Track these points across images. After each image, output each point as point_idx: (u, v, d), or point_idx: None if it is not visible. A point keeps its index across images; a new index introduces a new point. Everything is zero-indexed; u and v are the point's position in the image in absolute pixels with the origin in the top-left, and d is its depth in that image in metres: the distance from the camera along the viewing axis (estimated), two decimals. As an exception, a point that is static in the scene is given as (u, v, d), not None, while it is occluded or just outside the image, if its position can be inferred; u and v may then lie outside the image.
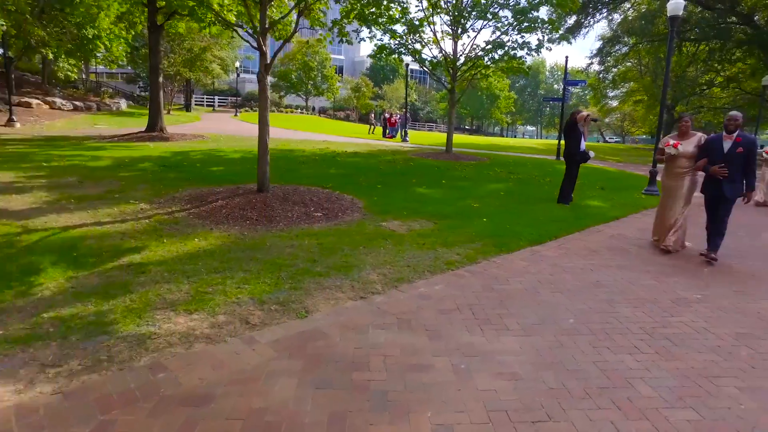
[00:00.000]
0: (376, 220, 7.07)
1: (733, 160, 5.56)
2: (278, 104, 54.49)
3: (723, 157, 5.61)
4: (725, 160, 5.59)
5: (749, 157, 5.56)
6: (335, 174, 11.01)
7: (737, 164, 5.56)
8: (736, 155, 5.55)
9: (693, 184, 6.14)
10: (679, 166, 6.08)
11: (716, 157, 5.68)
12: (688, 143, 6.01)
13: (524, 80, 76.89)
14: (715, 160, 5.67)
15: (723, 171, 5.56)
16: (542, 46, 14.14)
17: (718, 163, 5.61)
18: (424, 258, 5.49)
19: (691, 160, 5.99)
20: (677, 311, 4.21)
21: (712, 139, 5.86)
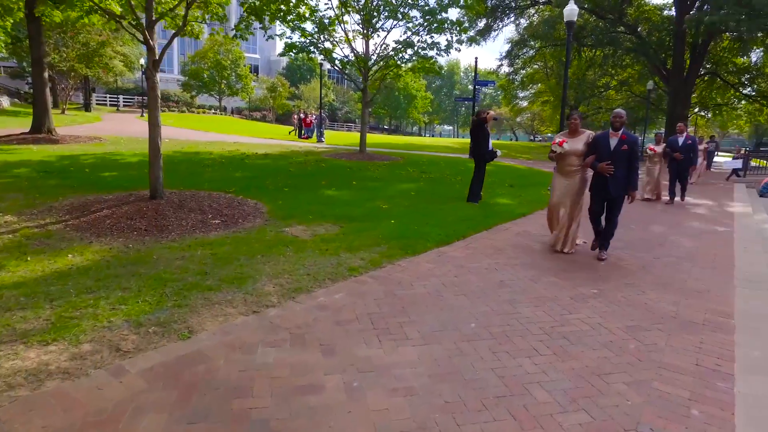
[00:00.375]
0: (278, 226, 6.68)
1: (619, 158, 5.59)
2: (190, 104, 51.76)
3: (610, 154, 5.63)
4: (612, 158, 5.61)
5: (633, 154, 5.62)
6: (241, 177, 10.43)
7: (622, 162, 5.59)
8: (621, 153, 5.58)
9: (584, 182, 6.09)
10: (570, 164, 6.02)
11: (604, 155, 5.68)
12: (577, 141, 5.95)
13: (440, 81, 78.92)
14: (603, 158, 5.68)
15: (609, 168, 5.57)
16: (451, 47, 14.38)
17: (606, 160, 5.63)
18: (326, 265, 5.21)
19: (581, 157, 5.94)
20: (575, 308, 4.26)
21: (599, 136, 5.83)
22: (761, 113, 33.21)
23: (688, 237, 7.35)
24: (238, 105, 60.03)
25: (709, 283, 5.11)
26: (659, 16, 29.10)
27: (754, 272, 5.59)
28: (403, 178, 12.01)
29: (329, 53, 15.23)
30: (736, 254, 6.40)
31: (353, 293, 4.50)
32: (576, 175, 6.03)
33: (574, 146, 5.91)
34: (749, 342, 3.67)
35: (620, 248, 6.45)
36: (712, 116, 39.46)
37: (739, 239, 7.33)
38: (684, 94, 25.60)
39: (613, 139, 5.66)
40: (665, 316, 4.12)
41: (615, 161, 5.58)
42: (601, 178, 5.77)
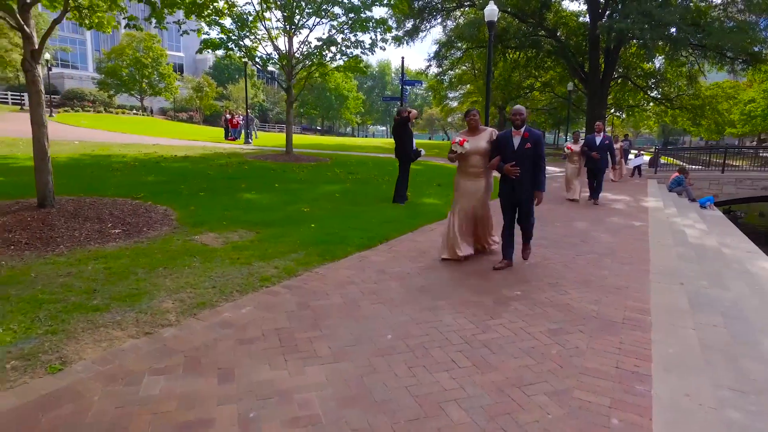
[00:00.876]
0: (187, 234, 6.11)
1: (524, 158, 5.10)
2: (108, 104, 48.34)
3: (514, 154, 5.13)
4: (516, 158, 5.12)
5: (537, 153, 5.11)
6: (153, 182, 9.63)
7: (527, 161, 5.11)
8: (525, 152, 5.09)
9: (489, 186, 5.59)
10: (473, 165, 5.42)
11: (507, 155, 5.18)
12: (479, 139, 5.39)
13: (372, 81, 79.12)
14: (507, 158, 5.17)
15: (515, 170, 5.09)
16: (376, 45, 14.16)
17: (510, 161, 5.13)
18: (235, 275, 4.75)
19: (485, 157, 5.38)
20: (498, 312, 4.08)
21: (501, 136, 5.28)
22: (666, 114, 35.82)
23: (608, 233, 7.51)
24: (163, 105, 56.96)
25: (627, 278, 5.15)
26: (575, 22, 30.57)
27: (666, 266, 5.73)
28: (329, 179, 11.62)
29: (252, 51, 14.56)
30: (650, 248, 6.58)
31: (263, 306, 4.09)
32: (481, 177, 5.50)
33: (476, 145, 5.36)
34: (664, 339, 3.64)
35: (545, 246, 6.44)
36: (626, 117, 42.10)
37: (653, 233, 7.58)
38: (600, 96, 27.00)
39: (516, 137, 5.14)
40: (587, 316, 4.03)
41: (520, 161, 5.11)
42: (507, 182, 5.28)
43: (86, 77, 52.66)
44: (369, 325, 3.76)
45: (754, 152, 23.72)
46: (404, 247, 6.11)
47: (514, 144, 5.14)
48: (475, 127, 5.47)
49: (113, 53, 46.90)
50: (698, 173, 18.19)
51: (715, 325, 4.34)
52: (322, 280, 4.80)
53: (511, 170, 5.12)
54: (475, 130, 5.47)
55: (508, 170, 5.14)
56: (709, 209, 13.76)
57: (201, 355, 3.24)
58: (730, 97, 39.10)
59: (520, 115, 5.09)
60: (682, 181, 15.28)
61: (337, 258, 5.48)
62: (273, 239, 6.06)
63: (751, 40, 22.24)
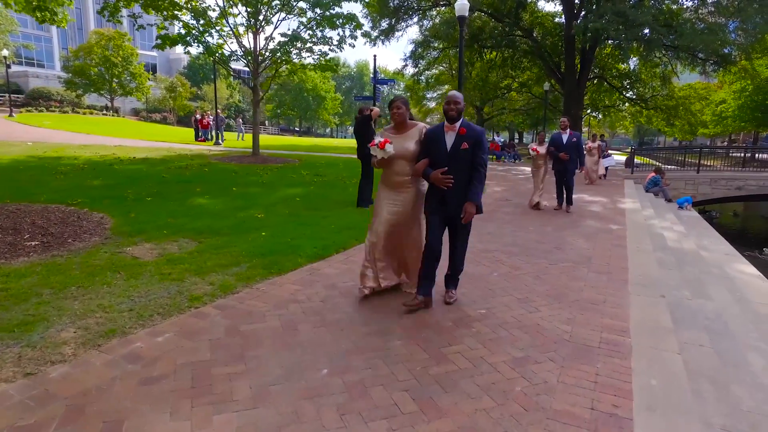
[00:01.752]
0: (119, 245, 5.44)
1: (459, 161, 3.88)
2: (77, 104, 46.69)
3: (446, 157, 3.89)
4: (449, 162, 3.87)
5: (477, 154, 3.88)
6: (98, 186, 8.88)
7: (463, 167, 3.88)
8: (461, 154, 3.86)
9: (420, 199, 4.20)
10: (399, 173, 4.09)
11: (438, 158, 3.92)
12: (406, 138, 4.06)
13: (350, 82, 78.56)
14: (438, 162, 3.92)
15: (447, 180, 3.84)
16: (344, 42, 13.59)
17: (441, 166, 3.87)
18: (162, 294, 4.12)
19: (413, 162, 4.07)
20: (457, 336, 3.54)
21: (430, 132, 4.03)
22: (641, 115, 36.03)
23: (584, 238, 7.07)
24: (136, 106, 55.39)
25: (604, 290, 4.67)
26: (551, 22, 30.47)
27: (645, 275, 5.28)
28: (293, 181, 10.98)
29: (219, 48, 13.83)
30: (629, 254, 6.14)
31: (185, 332, 3.48)
32: (408, 188, 4.13)
33: (403, 146, 4.04)
34: (646, 368, 3.14)
35: (515, 254, 5.94)
36: (602, 117, 42.30)
37: (630, 238, 7.17)
38: (577, 96, 26.90)
39: (450, 134, 3.90)
40: (559, 339, 3.52)
41: (453, 166, 3.86)
42: (436, 194, 4.00)
43: (53, 76, 50.82)
44: (304, 356, 3.18)
45: (725, 152, 23.83)
46: (362, 257, 5.51)
47: (447, 143, 3.89)
48: (402, 123, 4.12)
49: (81, 51, 45.37)
50: (674, 173, 18.07)
51: (701, 345, 3.87)
52: (262, 297, 4.20)
53: (441, 179, 3.84)
54: (402, 126, 4.13)
55: (437, 179, 3.86)
56: (687, 210, 13.53)
57: (88, 402, 2.62)
58: (702, 98, 39.54)
59: (456, 104, 3.83)
60: (659, 181, 15.06)
61: (284, 271, 4.89)
62: (215, 250, 5.43)
63: (721, 42, 22.42)
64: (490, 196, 11.28)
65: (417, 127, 4.12)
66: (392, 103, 4.12)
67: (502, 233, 7.14)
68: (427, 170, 3.96)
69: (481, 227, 7.48)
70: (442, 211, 4.01)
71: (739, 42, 23.79)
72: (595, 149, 14.91)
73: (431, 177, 3.91)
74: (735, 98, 35.82)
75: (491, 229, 7.37)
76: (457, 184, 3.87)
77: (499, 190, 12.61)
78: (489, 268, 5.29)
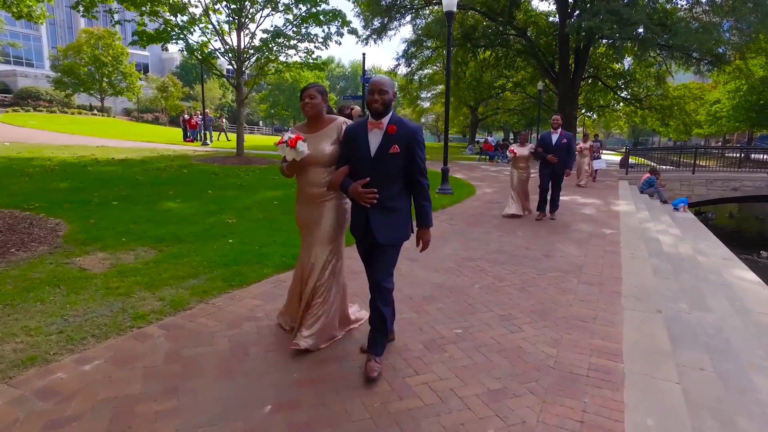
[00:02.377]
0: (68, 255, 4.99)
1: (386, 168, 2.85)
2: (67, 104, 45.99)
3: (369, 164, 2.86)
4: (373, 171, 2.86)
5: (411, 162, 2.87)
6: (63, 189, 8.40)
7: (392, 175, 2.88)
8: (389, 158, 2.83)
9: (342, 217, 3.21)
10: (312, 182, 3.11)
11: (360, 164, 2.90)
12: (319, 138, 3.07)
13: (344, 81, 78.19)
14: (359, 170, 2.90)
15: (370, 196, 2.83)
16: (330, 39, 13.16)
17: (364, 174, 2.87)
18: (102, 312, 3.68)
19: (331, 168, 3.09)
20: (426, 363, 3.11)
21: (350, 130, 3.00)
22: (636, 115, 35.81)
23: (575, 243, 6.67)
24: (127, 106, 54.69)
25: (595, 305, 4.26)
26: (545, 21, 30.18)
27: (640, 285, 4.87)
28: (275, 184, 10.52)
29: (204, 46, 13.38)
30: (623, 262, 5.74)
31: (118, 359, 3.05)
32: (326, 203, 3.14)
33: (317, 148, 3.05)
34: (641, 402, 2.73)
35: (500, 263, 5.53)
36: (597, 117, 42.07)
37: (624, 243, 6.78)
38: (571, 96, 26.58)
39: (375, 133, 2.87)
40: (542, 366, 3.11)
41: (380, 175, 2.86)
42: (360, 213, 2.98)
43: (42, 76, 50.08)
44: (248, 388, 2.75)
45: (719, 152, 23.55)
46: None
47: (371, 145, 2.87)
48: (315, 117, 3.12)
49: (70, 50, 44.72)
50: (669, 174, 17.74)
51: (701, 369, 3.47)
52: (216, 315, 3.77)
53: (362, 194, 2.84)
54: (316, 122, 3.14)
55: (357, 193, 2.86)
56: (682, 211, 13.18)
57: (-24, 453, 2.19)
58: (696, 98, 39.39)
59: (380, 94, 2.82)
60: (654, 182, 14.71)
61: (246, 283, 4.45)
62: (175, 260, 4.99)
63: (716, 41, 22.21)
64: (479, 199, 10.89)
65: (335, 123, 3.12)
66: (304, 91, 3.11)
67: (489, 239, 6.73)
68: (345, 181, 2.94)
69: (467, 233, 7.08)
70: (365, 236, 3.00)
71: (733, 41, 23.58)
72: (587, 150, 14.36)
73: (350, 191, 2.90)
74: (729, 98, 35.63)
75: (477, 235, 6.96)
76: (383, 200, 2.85)
77: (490, 191, 12.21)
78: (471, 279, 4.87)
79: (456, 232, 7.09)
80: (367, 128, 2.90)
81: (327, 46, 13.25)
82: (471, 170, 18.96)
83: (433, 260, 5.53)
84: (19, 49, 51.83)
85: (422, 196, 2.93)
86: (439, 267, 5.27)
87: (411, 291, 4.47)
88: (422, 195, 2.93)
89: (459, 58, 32.18)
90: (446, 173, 11.10)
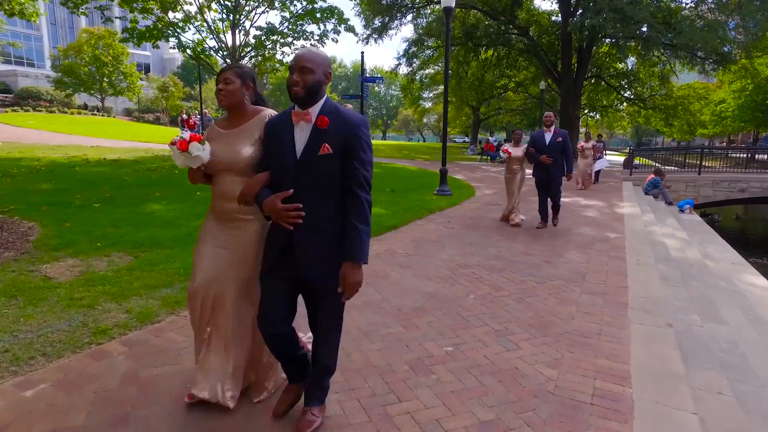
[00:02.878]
0: (35, 262, 4.68)
1: (314, 175, 2.10)
2: (68, 105, 45.84)
3: (293, 167, 2.11)
4: (296, 182, 2.10)
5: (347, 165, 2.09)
6: (45, 190, 8.08)
7: (324, 185, 2.11)
8: (319, 162, 2.08)
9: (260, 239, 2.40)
10: (225, 195, 2.36)
11: (281, 169, 2.15)
12: (236, 136, 2.36)
13: (346, 82, 77.99)
14: (282, 181, 2.14)
15: (292, 214, 2.06)
16: (327, 37, 12.86)
17: (286, 183, 2.12)
18: (59, 327, 3.36)
19: (244, 176, 2.32)
20: (410, 388, 2.77)
21: (272, 123, 2.26)
22: (639, 115, 35.41)
23: (578, 249, 6.33)
24: (128, 106, 54.53)
25: (600, 318, 3.92)
26: (548, 20, 29.83)
27: (647, 295, 4.53)
28: (267, 185, 10.21)
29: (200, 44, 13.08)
30: (628, 269, 5.40)
31: (67, 382, 2.73)
32: (245, 224, 2.40)
33: (233, 149, 2.34)
34: (655, 435, 2.40)
35: (499, 270, 5.19)
36: (600, 117, 41.67)
37: (630, 248, 6.43)
38: (574, 96, 26.25)
39: (302, 127, 2.13)
40: (541, 391, 2.77)
41: (305, 185, 2.10)
42: (281, 235, 2.17)
43: (42, 76, 49.96)
44: (208, 417, 2.42)
45: (723, 153, 23.12)
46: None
47: (297, 144, 2.13)
48: (234, 107, 2.40)
49: (70, 50, 44.61)
50: (674, 175, 17.37)
51: (719, 393, 3.13)
52: (186, 328, 3.42)
53: (281, 210, 2.07)
54: (236, 114, 2.42)
55: (274, 210, 2.08)
56: (688, 213, 12.82)
57: None
58: (701, 98, 38.94)
59: (301, 73, 2.05)
60: (659, 183, 14.34)
61: (222, 293, 4.12)
62: (149, 267, 4.67)
63: (721, 40, 21.85)
64: (478, 200, 10.56)
65: (259, 116, 2.37)
66: (219, 74, 2.41)
67: (487, 243, 6.39)
68: (262, 192, 2.15)
69: (464, 237, 6.75)
70: (288, 269, 2.16)
71: (739, 40, 23.23)
72: (589, 150, 13.78)
73: (264, 206, 2.10)
74: (735, 98, 35.19)
75: (474, 239, 6.63)
76: (314, 220, 2.08)
77: (490, 193, 11.88)
78: (465, 289, 4.53)
79: (453, 236, 6.77)
80: (291, 121, 2.13)
81: (323, 43, 13.01)
82: (472, 171, 18.63)
83: (426, 267, 5.20)
84: (20, 49, 51.72)
85: (356, 216, 2.05)
86: (433, 274, 4.94)
87: (400, 302, 4.14)
88: (357, 214, 2.05)
89: (461, 57, 31.87)
90: (445, 174, 10.77)
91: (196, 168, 2.37)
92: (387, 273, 4.95)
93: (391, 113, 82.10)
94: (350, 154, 2.07)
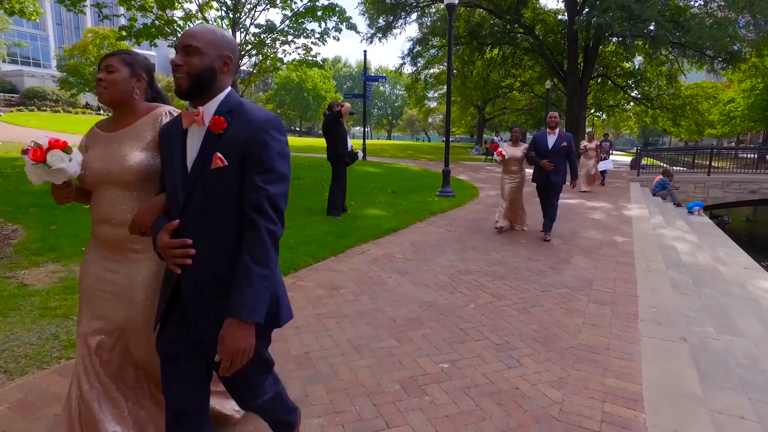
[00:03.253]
0: (13, 267, 4.47)
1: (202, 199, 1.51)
2: (74, 104, 45.96)
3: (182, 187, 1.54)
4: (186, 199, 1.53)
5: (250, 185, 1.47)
6: (37, 191, 7.81)
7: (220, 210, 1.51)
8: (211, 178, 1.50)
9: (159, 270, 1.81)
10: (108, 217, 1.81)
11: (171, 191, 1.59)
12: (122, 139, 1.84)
13: (351, 81, 77.87)
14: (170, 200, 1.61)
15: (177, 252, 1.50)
16: (328, 35, 12.63)
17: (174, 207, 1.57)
18: (27, 339, 3.14)
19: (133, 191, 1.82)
20: (400, 411, 2.52)
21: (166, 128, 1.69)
22: (647, 114, 34.98)
23: (584, 254, 6.06)
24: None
25: (608, 331, 3.66)
26: (553, 18, 29.48)
27: (659, 305, 4.26)
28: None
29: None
30: (638, 276, 5.13)
31: (27, 404, 2.51)
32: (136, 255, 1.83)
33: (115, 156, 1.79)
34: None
35: (501, 277, 4.94)
36: (607, 117, 41.24)
37: (639, 253, 6.16)
38: (580, 95, 25.92)
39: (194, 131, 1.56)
40: (544, 417, 2.52)
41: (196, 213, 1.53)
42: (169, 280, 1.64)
43: (48, 75, 50.15)
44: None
45: (733, 153, 22.66)
46: (313, 281, 4.55)
47: (188, 153, 1.57)
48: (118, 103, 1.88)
49: (75, 50, 44.75)
50: (682, 176, 17.01)
51: (741, 417, 2.86)
52: (163, 343, 3.21)
53: (168, 246, 1.51)
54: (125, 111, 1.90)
55: (162, 248, 1.53)
56: (697, 215, 12.49)
57: None
58: (709, 97, 38.45)
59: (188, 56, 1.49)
60: (667, 184, 14.01)
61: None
62: (133, 273, 4.44)
63: (731, 38, 21.43)
64: (482, 202, 10.29)
65: (153, 113, 1.88)
66: (102, 61, 1.88)
67: (489, 248, 6.14)
68: (157, 222, 1.61)
69: (466, 240, 6.50)
70: (185, 327, 1.61)
71: (749, 38, 22.78)
72: (593, 150, 13.34)
73: (158, 242, 1.54)
74: (744, 97, 34.68)
75: (477, 243, 6.37)
76: (202, 258, 1.52)
77: (494, 194, 11.60)
78: (465, 297, 4.28)
79: (454, 240, 6.51)
80: (180, 124, 1.59)
81: (324, 42, 12.73)
82: (476, 171, 18.36)
83: (425, 273, 4.96)
84: (26, 49, 51.94)
85: (251, 253, 1.44)
86: (431, 281, 4.69)
87: (395, 311, 3.89)
88: (252, 251, 1.44)
89: (466, 56, 31.59)
90: (447, 175, 10.51)
91: (62, 184, 1.74)
92: (383, 279, 4.70)
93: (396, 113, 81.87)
94: (251, 165, 1.48)
